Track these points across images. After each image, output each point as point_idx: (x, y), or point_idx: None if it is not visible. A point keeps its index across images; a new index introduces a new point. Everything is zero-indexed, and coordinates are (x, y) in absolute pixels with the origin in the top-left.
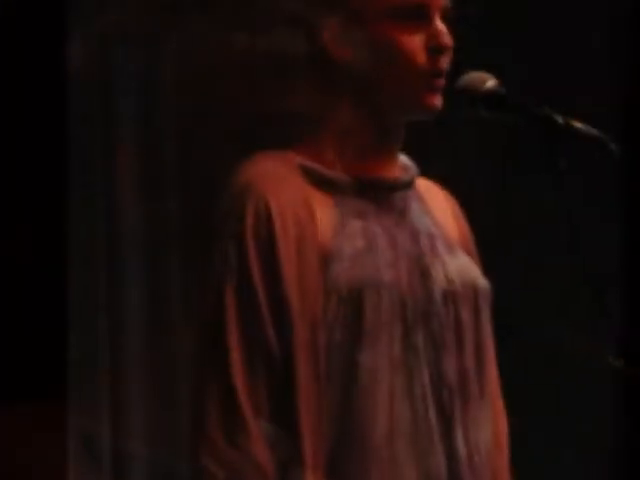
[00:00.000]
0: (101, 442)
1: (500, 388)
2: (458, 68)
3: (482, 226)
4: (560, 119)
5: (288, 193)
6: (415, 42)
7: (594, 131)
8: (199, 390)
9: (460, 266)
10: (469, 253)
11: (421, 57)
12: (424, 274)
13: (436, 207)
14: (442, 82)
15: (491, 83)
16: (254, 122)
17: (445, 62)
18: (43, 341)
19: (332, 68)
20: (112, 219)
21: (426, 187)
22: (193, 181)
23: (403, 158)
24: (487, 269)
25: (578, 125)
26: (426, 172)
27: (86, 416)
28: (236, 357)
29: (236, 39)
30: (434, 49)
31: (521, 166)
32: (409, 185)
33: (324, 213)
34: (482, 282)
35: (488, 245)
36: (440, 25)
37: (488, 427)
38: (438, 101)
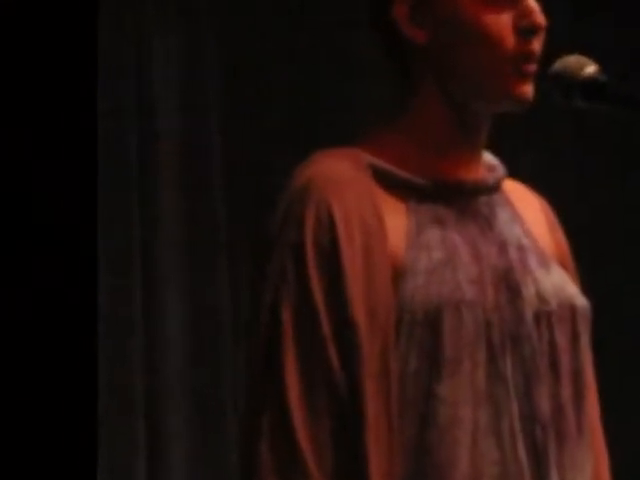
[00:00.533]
0: None
1: (601, 422)
2: (550, 51)
3: (589, 236)
4: None
5: (354, 197)
6: (502, 21)
7: None
8: (250, 425)
9: (555, 283)
10: (566, 268)
11: (509, 39)
12: (513, 292)
13: (528, 214)
14: (534, 68)
15: (591, 69)
16: (315, 114)
17: (537, 44)
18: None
19: (404, 50)
20: (148, 223)
21: (516, 190)
22: (244, 181)
23: (488, 156)
24: (587, 286)
25: None
26: (514, 173)
27: (119, 451)
28: (293, 387)
29: (291, 21)
30: (525, 29)
31: (625, 163)
32: (495, 188)
33: (396, 220)
34: (581, 301)
35: (588, 258)
36: (531, 2)
37: (587, 469)
38: (529, 90)
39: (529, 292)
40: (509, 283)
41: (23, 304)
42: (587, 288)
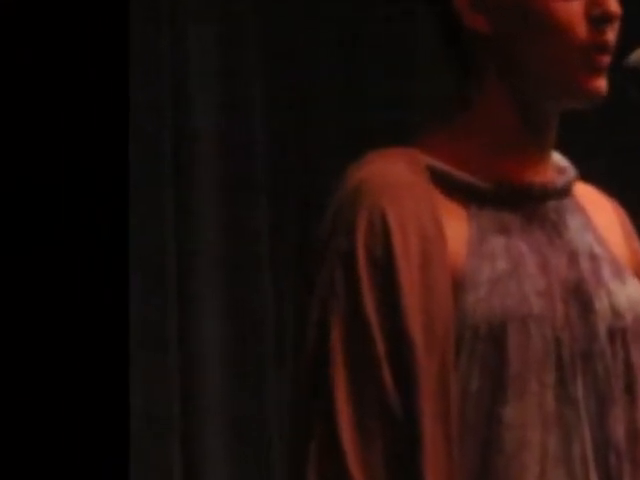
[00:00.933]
0: None
1: None
2: (625, 42)
3: None
4: None
5: (411, 201)
6: (573, 9)
7: None
8: (297, 451)
9: (631, 296)
10: None
11: (580, 28)
12: (585, 305)
13: (601, 220)
14: (607, 60)
15: None
16: (367, 110)
17: (611, 34)
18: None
19: (464, 42)
20: (184, 229)
21: (587, 195)
22: (289, 184)
23: (557, 157)
24: None
25: None
26: (585, 175)
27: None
28: (343, 409)
29: (340, 9)
30: (597, 18)
31: None
32: (565, 192)
33: (456, 226)
34: None
35: None
36: None
37: None
38: (602, 84)
39: (602, 306)
40: (580, 296)
41: (48, 320)
42: None
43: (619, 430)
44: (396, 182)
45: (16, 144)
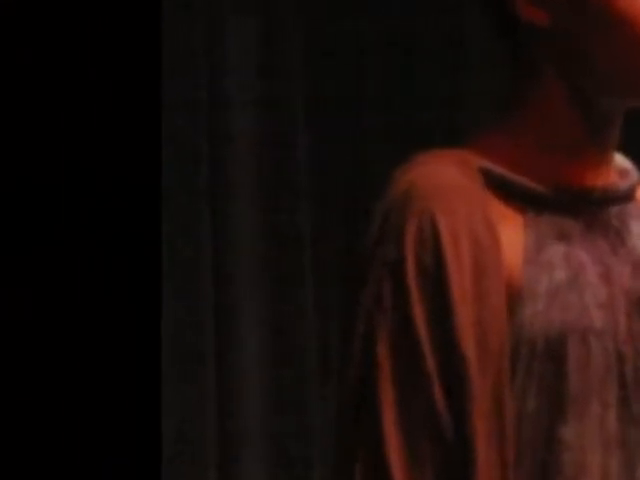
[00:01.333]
0: None
1: None
2: None
3: None
4: None
5: (463, 206)
6: (637, 2)
7: None
8: (341, 475)
9: None
10: None
11: None
12: None
13: None
14: None
15: None
16: (416, 109)
17: None
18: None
19: (520, 36)
20: (220, 239)
21: None
22: (333, 188)
23: (620, 159)
24: None
25: None
26: None
27: None
28: (391, 431)
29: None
30: None
31: None
32: (629, 196)
33: (512, 234)
34: None
35: None
36: None
37: None
38: None
39: None
40: None
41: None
42: None
43: None
44: (447, 186)
45: (50, 146)
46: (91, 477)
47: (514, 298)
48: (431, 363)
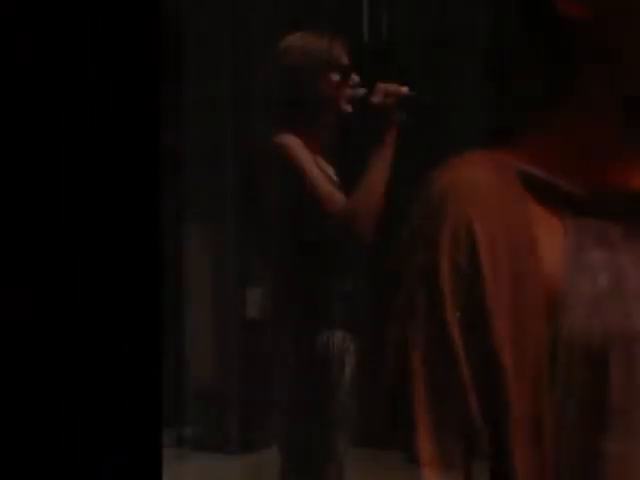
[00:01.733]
0: None
1: None
2: None
3: None
4: None
5: (500, 212)
6: None
7: None
8: None
9: None
10: None
11: None
12: None
13: None
14: None
15: None
16: (448, 109)
17: None
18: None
19: (558, 31)
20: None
21: None
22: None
23: None
24: None
25: None
26: None
27: None
28: (425, 444)
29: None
30: None
31: None
32: None
33: (551, 238)
34: None
35: None
36: None
37: None
38: None
39: None
40: None
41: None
42: None
43: None
44: (484, 190)
45: (50, 146)
46: (91, 477)
47: (553, 305)
48: (466, 374)
